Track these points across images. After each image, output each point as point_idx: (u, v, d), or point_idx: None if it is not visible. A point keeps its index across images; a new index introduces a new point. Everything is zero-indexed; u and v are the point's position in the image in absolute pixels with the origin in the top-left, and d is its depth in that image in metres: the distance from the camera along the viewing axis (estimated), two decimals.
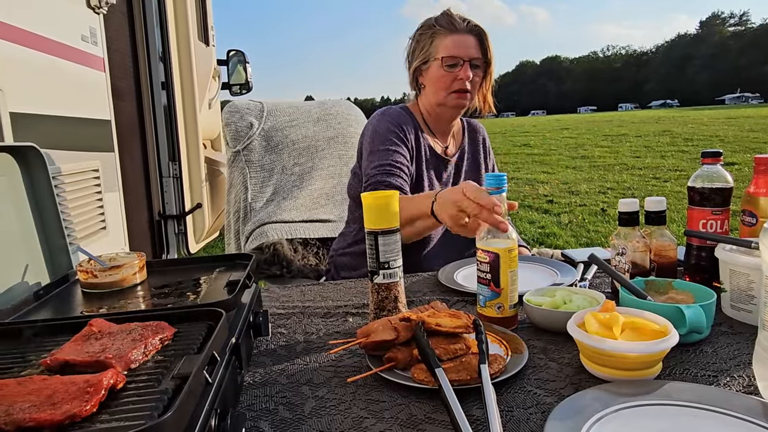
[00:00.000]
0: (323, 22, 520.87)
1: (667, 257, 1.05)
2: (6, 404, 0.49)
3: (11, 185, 0.94)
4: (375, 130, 1.45)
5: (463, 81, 1.41)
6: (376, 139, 1.44)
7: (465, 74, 1.40)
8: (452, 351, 0.76)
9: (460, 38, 1.41)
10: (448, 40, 1.41)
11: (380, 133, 1.44)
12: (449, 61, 1.41)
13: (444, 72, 1.41)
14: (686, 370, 0.75)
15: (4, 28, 1.33)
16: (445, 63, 1.41)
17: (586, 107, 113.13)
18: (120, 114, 2.08)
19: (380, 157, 1.40)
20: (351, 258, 1.56)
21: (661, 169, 9.09)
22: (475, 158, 1.64)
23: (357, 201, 1.51)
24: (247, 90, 3.47)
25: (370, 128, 1.47)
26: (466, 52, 1.40)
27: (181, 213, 2.69)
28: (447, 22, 1.43)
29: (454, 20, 1.43)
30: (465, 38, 1.41)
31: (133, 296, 0.89)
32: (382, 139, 1.42)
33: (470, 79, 1.41)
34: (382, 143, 1.42)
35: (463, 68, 1.40)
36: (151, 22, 2.50)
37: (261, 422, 0.66)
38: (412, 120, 1.50)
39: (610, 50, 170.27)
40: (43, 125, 1.49)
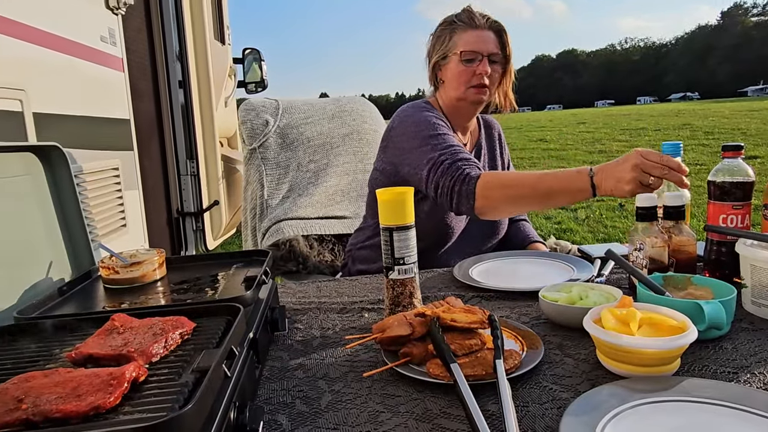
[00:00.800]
0: (338, 19, 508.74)
1: (686, 253, 1.04)
2: (33, 396, 0.50)
3: (35, 184, 0.97)
4: (418, 120, 1.41)
5: (481, 76, 1.40)
6: (423, 128, 1.38)
7: (483, 69, 1.40)
8: (467, 346, 0.76)
9: (479, 33, 1.41)
10: (467, 35, 1.42)
11: (428, 121, 1.39)
12: (468, 55, 1.41)
13: (463, 67, 1.42)
14: (705, 367, 0.74)
15: (27, 31, 1.36)
16: (463, 57, 1.41)
17: (604, 101, 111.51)
18: (139, 113, 2.12)
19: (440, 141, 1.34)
20: (370, 251, 1.55)
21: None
22: (491, 154, 1.64)
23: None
24: (262, 88, 3.50)
25: (410, 120, 1.43)
26: (485, 47, 1.41)
27: (199, 210, 2.72)
28: (467, 18, 1.44)
29: (474, 16, 1.43)
30: (484, 34, 1.42)
31: (153, 292, 0.91)
32: (433, 126, 1.38)
33: (488, 74, 1.41)
34: (433, 129, 1.37)
35: (482, 63, 1.40)
36: (168, 22, 2.53)
37: (278, 416, 0.67)
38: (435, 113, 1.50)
39: (628, 42, 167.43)
40: (65, 125, 1.52)
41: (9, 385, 0.53)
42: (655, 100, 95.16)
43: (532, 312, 0.98)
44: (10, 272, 0.86)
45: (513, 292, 1.08)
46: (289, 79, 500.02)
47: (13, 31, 1.30)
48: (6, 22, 1.27)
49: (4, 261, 0.85)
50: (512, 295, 1.08)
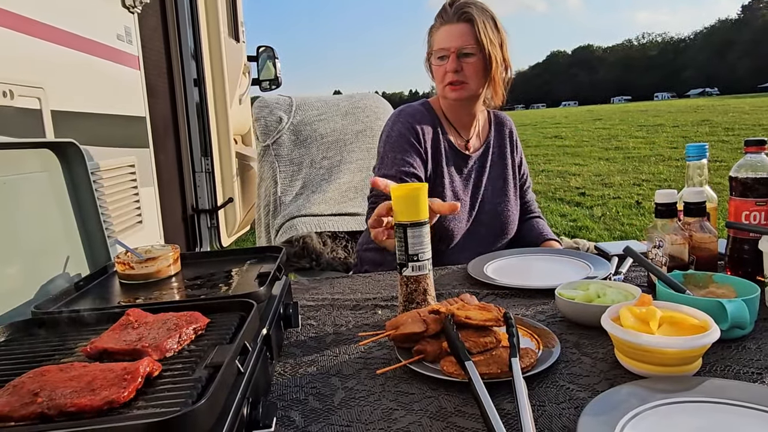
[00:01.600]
0: (351, 15, 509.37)
1: (707, 250, 1.02)
2: (49, 389, 0.51)
3: (53, 180, 0.98)
4: (389, 133, 1.45)
5: (450, 74, 1.38)
6: (388, 143, 1.43)
7: (450, 66, 1.38)
8: (482, 344, 0.75)
9: (448, 29, 1.39)
10: (440, 33, 1.40)
11: (393, 137, 1.43)
12: (439, 53, 1.40)
13: (436, 65, 1.42)
14: (728, 367, 0.72)
15: (46, 30, 1.38)
16: (435, 56, 1.41)
17: (620, 97, 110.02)
18: (154, 111, 2.13)
19: (389, 165, 1.39)
20: (375, 253, 1.55)
21: None
22: (501, 152, 1.59)
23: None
24: (276, 85, 3.51)
25: (386, 131, 1.47)
26: (453, 43, 1.37)
27: (214, 207, 2.74)
28: (441, 13, 1.41)
29: (445, 11, 1.40)
30: (452, 28, 1.38)
31: (167, 287, 0.92)
32: (393, 145, 1.42)
33: (456, 70, 1.38)
34: (392, 149, 1.41)
35: (450, 60, 1.38)
36: (183, 20, 2.55)
37: (291, 412, 0.67)
38: (430, 117, 1.48)
39: (645, 38, 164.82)
40: (82, 122, 1.54)
41: (25, 378, 0.53)
42: (673, 95, 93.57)
43: (548, 310, 0.97)
44: (28, 267, 0.87)
45: (528, 290, 1.07)
46: (302, 76, 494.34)
47: (32, 30, 1.31)
48: (25, 21, 1.29)
49: (22, 256, 0.86)
50: (528, 292, 1.07)
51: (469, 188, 1.52)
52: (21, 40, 1.27)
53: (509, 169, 1.59)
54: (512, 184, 1.57)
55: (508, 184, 1.57)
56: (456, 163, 1.50)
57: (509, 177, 1.58)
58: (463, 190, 1.50)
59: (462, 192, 1.50)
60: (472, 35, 1.37)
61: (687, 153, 1.16)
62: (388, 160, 1.41)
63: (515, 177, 1.60)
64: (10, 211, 0.86)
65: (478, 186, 1.53)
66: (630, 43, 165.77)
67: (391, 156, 1.41)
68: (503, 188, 1.55)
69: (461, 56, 1.38)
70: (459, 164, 1.51)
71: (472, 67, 1.39)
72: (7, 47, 1.23)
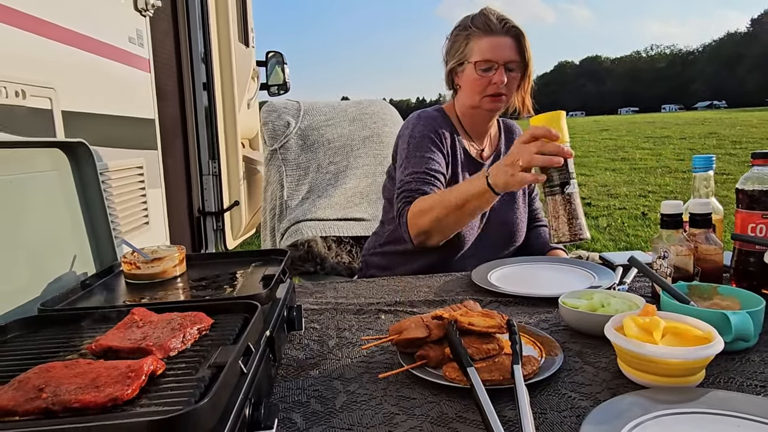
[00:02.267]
0: (358, 23, 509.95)
1: (712, 262, 1.01)
2: (54, 385, 0.51)
3: (62, 180, 0.99)
4: (411, 134, 1.44)
5: (497, 85, 1.38)
6: (411, 143, 1.42)
7: (499, 78, 1.37)
8: (485, 351, 0.75)
9: (495, 40, 1.38)
10: (483, 43, 1.38)
11: (416, 138, 1.42)
12: (483, 65, 1.38)
13: (478, 75, 1.39)
14: (731, 379, 0.72)
15: (58, 31, 1.40)
16: (478, 67, 1.39)
17: (628, 108, 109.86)
18: (163, 113, 2.15)
19: (415, 163, 1.39)
20: (381, 258, 1.56)
21: None
22: None
23: (392, 202, 1.51)
24: (284, 90, 3.53)
25: (407, 132, 1.47)
26: (501, 55, 1.37)
27: (220, 210, 2.76)
28: (483, 23, 1.40)
29: (490, 21, 1.39)
30: (500, 40, 1.38)
31: (173, 287, 0.92)
32: (418, 144, 1.41)
33: (504, 83, 1.38)
34: (417, 149, 1.41)
35: (498, 72, 1.38)
36: (194, 25, 2.57)
37: (293, 414, 0.67)
38: (447, 123, 1.49)
39: (653, 49, 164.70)
40: (92, 123, 1.56)
41: (31, 374, 0.54)
42: (680, 108, 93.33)
43: (552, 318, 0.97)
44: (35, 265, 0.88)
45: (532, 298, 1.07)
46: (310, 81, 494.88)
47: (44, 31, 1.33)
48: (38, 22, 1.30)
49: (30, 254, 0.87)
50: (531, 300, 1.07)
51: None
52: (34, 41, 1.29)
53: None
54: (520, 192, 1.57)
55: (516, 192, 1.56)
56: (470, 170, 1.50)
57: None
58: None
59: None
60: (517, 50, 1.39)
61: (694, 164, 1.15)
62: (415, 159, 1.40)
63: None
64: (20, 208, 0.87)
65: None
66: (638, 55, 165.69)
67: (418, 155, 1.40)
68: (512, 196, 1.55)
69: (506, 70, 1.39)
70: (473, 171, 1.50)
71: (513, 82, 1.41)
72: (20, 48, 1.25)
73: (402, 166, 1.42)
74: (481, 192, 1.16)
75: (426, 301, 1.09)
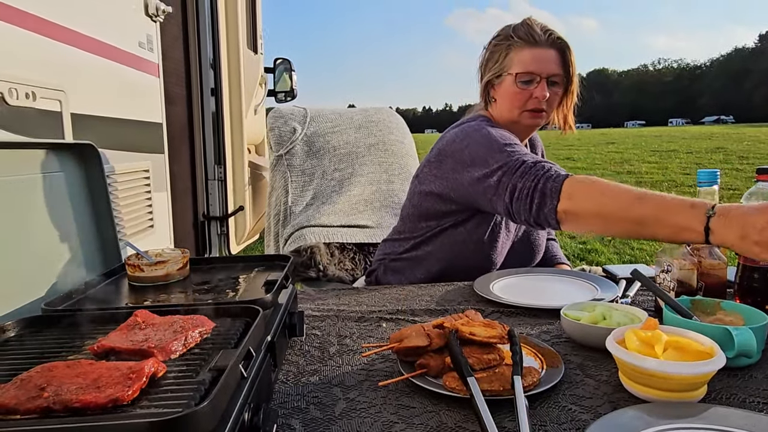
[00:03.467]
0: (367, 30, 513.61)
1: (716, 277, 1.01)
2: (55, 385, 0.51)
3: (69, 181, 1.00)
4: (487, 134, 1.26)
5: (538, 100, 1.29)
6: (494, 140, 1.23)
7: (541, 93, 1.28)
8: (485, 361, 0.75)
9: (538, 52, 1.29)
10: (525, 54, 1.29)
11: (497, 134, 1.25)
12: (524, 77, 1.29)
13: (518, 89, 1.30)
14: (733, 395, 0.71)
15: (70, 35, 1.42)
16: (519, 79, 1.29)
17: (634, 121, 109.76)
18: (171, 118, 2.17)
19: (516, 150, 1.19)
20: (403, 262, 1.48)
21: None
22: None
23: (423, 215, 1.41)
24: (291, 97, 3.55)
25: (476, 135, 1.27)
26: (545, 69, 1.28)
27: (224, 215, 2.77)
28: (526, 34, 1.30)
29: (534, 32, 1.30)
30: (544, 53, 1.29)
31: (175, 291, 0.93)
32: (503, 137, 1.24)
33: (546, 98, 1.29)
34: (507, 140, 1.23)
35: (540, 86, 1.29)
36: (203, 31, 2.60)
37: (292, 420, 0.67)
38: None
39: (661, 63, 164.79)
40: (100, 126, 1.57)
41: (33, 373, 0.54)
42: (687, 122, 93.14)
43: (553, 330, 0.97)
44: (40, 265, 0.89)
45: (534, 309, 1.07)
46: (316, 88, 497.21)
47: (55, 34, 1.35)
48: (50, 25, 1.32)
49: (35, 254, 0.88)
50: (533, 312, 1.06)
51: None
52: (45, 44, 1.31)
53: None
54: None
55: None
56: None
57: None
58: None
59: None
60: (561, 64, 1.31)
61: (698, 179, 1.15)
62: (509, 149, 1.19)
63: None
64: (27, 209, 0.88)
65: None
66: (645, 68, 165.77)
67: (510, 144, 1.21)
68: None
69: (549, 84, 1.30)
70: None
71: (555, 97, 1.33)
72: (32, 50, 1.26)
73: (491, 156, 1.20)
74: (686, 227, 0.90)
75: (427, 310, 1.09)
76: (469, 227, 1.35)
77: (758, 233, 0.80)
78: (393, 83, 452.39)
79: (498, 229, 1.36)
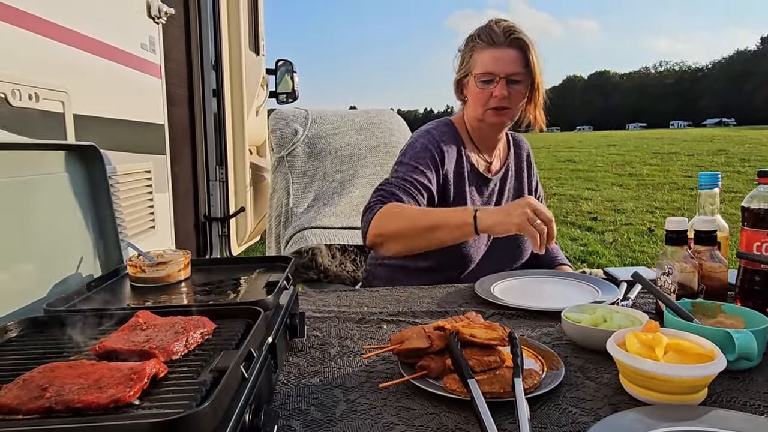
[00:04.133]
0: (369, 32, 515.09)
1: (716, 280, 1.01)
2: (57, 385, 0.52)
3: (72, 182, 1.00)
4: (412, 144, 1.44)
5: (498, 98, 1.36)
6: (409, 152, 1.42)
7: (500, 92, 1.35)
8: (486, 363, 0.75)
9: (497, 53, 1.35)
10: (485, 55, 1.37)
11: (416, 149, 1.41)
12: (484, 77, 1.36)
13: (479, 88, 1.38)
14: (734, 398, 0.71)
15: (73, 36, 1.42)
16: (479, 79, 1.37)
17: (636, 124, 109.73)
18: (173, 119, 2.17)
19: (405, 171, 1.37)
20: (386, 270, 1.54)
21: None
22: (518, 174, 1.60)
23: None
24: (293, 99, 3.56)
25: (410, 142, 1.46)
26: (502, 68, 1.35)
27: (226, 216, 2.77)
28: (486, 35, 1.38)
29: (494, 33, 1.36)
30: (503, 53, 1.35)
31: (177, 291, 0.93)
32: (414, 155, 1.40)
33: (505, 96, 1.35)
34: (413, 158, 1.39)
35: (499, 85, 1.35)
36: (205, 33, 2.61)
37: (293, 421, 0.67)
38: (455, 137, 1.47)
39: (662, 65, 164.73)
40: (102, 127, 1.58)
41: (35, 373, 0.54)
42: (689, 124, 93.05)
43: (554, 332, 0.97)
44: (42, 265, 0.89)
45: (535, 312, 1.07)
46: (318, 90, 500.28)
47: (58, 35, 1.36)
48: (53, 26, 1.33)
49: (37, 254, 0.88)
50: (534, 314, 1.06)
51: None
52: (48, 45, 1.31)
53: (525, 192, 1.58)
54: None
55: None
56: (477, 184, 1.49)
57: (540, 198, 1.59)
58: None
59: None
60: (522, 62, 1.36)
61: (699, 181, 1.15)
62: (406, 167, 1.38)
63: None
64: (30, 209, 0.88)
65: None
66: (647, 71, 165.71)
67: (412, 164, 1.38)
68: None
69: (509, 83, 1.36)
70: (480, 186, 1.50)
71: (518, 95, 1.38)
72: (35, 51, 1.27)
73: (392, 170, 1.42)
74: (461, 224, 1.15)
75: (428, 312, 1.09)
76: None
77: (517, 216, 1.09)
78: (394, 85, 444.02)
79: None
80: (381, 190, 1.35)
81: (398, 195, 1.32)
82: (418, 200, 1.35)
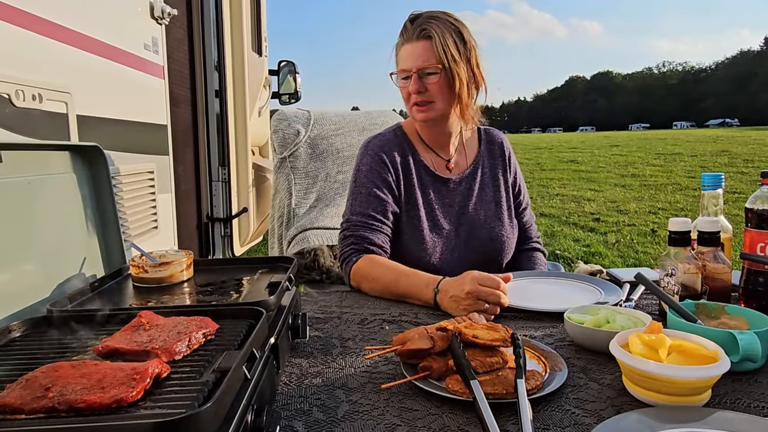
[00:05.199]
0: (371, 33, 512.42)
1: (720, 281, 1.00)
2: (60, 385, 0.52)
3: (75, 182, 1.00)
4: (358, 168, 1.41)
5: (414, 95, 1.32)
6: (358, 179, 1.39)
7: (412, 87, 1.31)
8: (488, 364, 0.75)
9: (409, 48, 1.31)
10: (401, 52, 1.34)
11: (362, 172, 1.39)
12: (402, 74, 1.34)
13: (401, 86, 1.36)
14: (738, 400, 0.71)
15: (76, 37, 1.42)
16: (399, 77, 1.35)
17: (638, 124, 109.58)
18: (176, 120, 2.18)
19: (361, 203, 1.36)
20: None
21: None
22: (493, 172, 1.49)
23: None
24: (295, 99, 3.56)
25: (356, 165, 1.43)
26: (413, 63, 1.30)
27: (228, 216, 2.78)
28: (403, 31, 1.34)
29: (406, 28, 1.33)
30: (413, 47, 1.30)
31: (179, 292, 0.93)
32: (363, 180, 1.38)
33: (419, 90, 1.31)
34: (363, 185, 1.37)
35: (411, 81, 1.31)
36: (208, 33, 2.61)
37: (295, 422, 0.67)
38: (399, 143, 1.42)
39: (665, 66, 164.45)
40: (105, 128, 1.58)
41: (38, 373, 0.54)
42: (692, 125, 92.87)
43: (557, 333, 0.96)
44: (46, 265, 0.89)
45: (537, 313, 1.07)
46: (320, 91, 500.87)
47: (63, 36, 1.36)
48: (56, 27, 1.33)
49: (41, 254, 0.89)
50: (536, 315, 1.06)
51: (453, 214, 1.42)
52: (52, 46, 1.32)
53: (502, 190, 1.48)
54: (506, 206, 1.48)
55: (501, 206, 1.47)
56: (435, 187, 1.42)
57: (502, 199, 1.48)
58: (445, 217, 1.41)
59: (443, 219, 1.41)
60: (432, 53, 1.29)
61: (702, 182, 1.15)
62: (361, 197, 1.37)
63: (509, 198, 1.50)
64: (33, 209, 0.89)
65: (464, 210, 1.43)
66: (650, 71, 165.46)
67: (364, 192, 1.37)
68: (496, 211, 1.46)
69: (424, 76, 1.30)
70: (438, 188, 1.42)
71: (436, 87, 1.31)
72: (39, 52, 1.27)
73: (348, 200, 1.40)
74: (425, 301, 1.14)
75: (430, 313, 1.09)
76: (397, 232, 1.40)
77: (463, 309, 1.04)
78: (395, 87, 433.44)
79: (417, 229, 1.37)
80: (350, 236, 1.34)
81: (368, 238, 1.32)
82: (385, 232, 1.35)
